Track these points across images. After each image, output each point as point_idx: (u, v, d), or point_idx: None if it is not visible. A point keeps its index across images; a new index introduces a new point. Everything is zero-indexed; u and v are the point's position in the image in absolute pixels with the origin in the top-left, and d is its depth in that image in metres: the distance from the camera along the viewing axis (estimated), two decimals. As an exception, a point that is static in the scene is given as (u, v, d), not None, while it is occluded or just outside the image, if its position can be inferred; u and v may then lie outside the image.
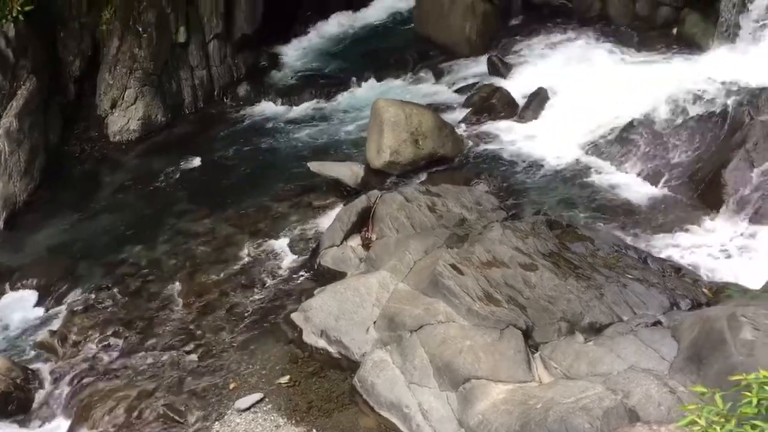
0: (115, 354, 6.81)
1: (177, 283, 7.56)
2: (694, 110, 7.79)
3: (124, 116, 10.82)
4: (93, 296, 7.61)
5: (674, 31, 10.26)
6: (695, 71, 8.53)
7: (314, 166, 8.75)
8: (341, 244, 7.36)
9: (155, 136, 10.90)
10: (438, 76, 11.27)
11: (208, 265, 7.78)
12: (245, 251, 7.90)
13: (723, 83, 7.83)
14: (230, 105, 11.68)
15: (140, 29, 10.92)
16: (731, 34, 9.12)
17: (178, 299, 7.37)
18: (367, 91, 11.23)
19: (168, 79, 11.25)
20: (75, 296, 7.73)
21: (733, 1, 9.12)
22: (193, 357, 6.55)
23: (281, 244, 7.93)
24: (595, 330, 5.54)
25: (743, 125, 7.24)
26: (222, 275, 7.57)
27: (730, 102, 7.52)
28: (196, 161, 10.06)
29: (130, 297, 7.54)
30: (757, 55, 8.56)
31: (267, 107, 11.36)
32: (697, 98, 7.82)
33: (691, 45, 9.77)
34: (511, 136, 9.10)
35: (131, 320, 7.17)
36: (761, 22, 8.71)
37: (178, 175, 9.81)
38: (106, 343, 6.93)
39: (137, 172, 10.03)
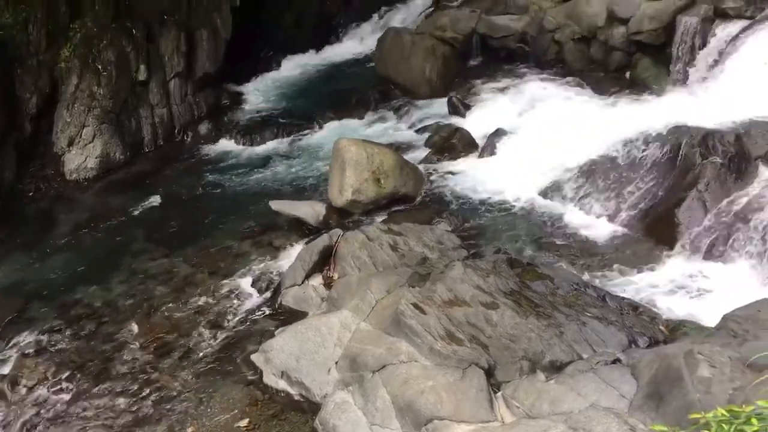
0: (68, 398, 6.57)
1: (133, 325, 7.38)
2: (648, 151, 7.99)
3: (82, 154, 10.67)
4: (45, 338, 7.37)
5: (627, 75, 10.60)
6: (648, 114, 8.78)
7: (275, 204, 8.72)
8: (303, 283, 7.30)
9: (113, 174, 10.76)
10: (399, 116, 11.42)
11: (166, 306, 7.61)
12: (204, 291, 7.76)
13: (675, 125, 8.05)
14: (191, 143, 11.63)
15: (100, 67, 10.85)
16: (682, 79, 9.48)
17: (134, 341, 7.18)
18: (328, 130, 11.31)
19: (127, 116, 11.16)
20: (26, 338, 7.46)
21: (682, 47, 9.50)
22: (150, 401, 6.36)
23: (241, 283, 7.82)
24: (555, 368, 5.57)
25: (695, 166, 7.45)
26: (180, 316, 7.41)
27: (682, 143, 7.74)
28: (156, 200, 9.93)
29: (85, 339, 7.32)
30: (706, 99, 8.88)
31: (228, 146, 11.34)
32: (651, 140, 8.03)
33: (643, 88, 10.09)
34: (472, 176, 9.22)
35: (85, 363, 6.95)
36: (710, 68, 9.07)
37: (136, 214, 9.67)
38: (58, 387, 6.69)
39: (94, 211, 9.85)
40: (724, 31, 9.21)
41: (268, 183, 10.02)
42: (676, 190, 7.47)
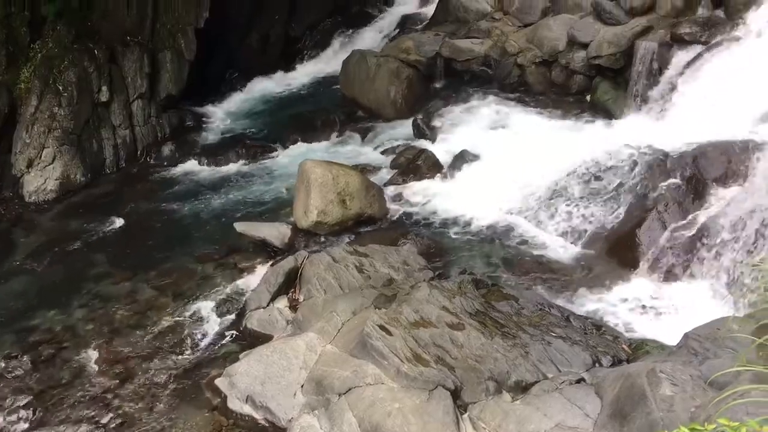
0: (25, 427, 6.37)
1: (94, 350, 7.21)
2: (609, 173, 8.15)
3: (41, 176, 10.47)
4: (2, 365, 7.15)
5: (588, 98, 10.83)
6: (608, 136, 8.97)
7: (240, 226, 8.65)
8: (268, 306, 7.23)
9: (74, 196, 10.57)
10: (364, 137, 11.46)
11: (128, 331, 7.47)
12: (167, 315, 7.64)
13: (635, 147, 8.24)
14: (154, 165, 11.50)
15: (61, 88, 10.70)
16: (640, 102, 9.70)
17: (94, 367, 7.01)
18: (294, 152, 11.30)
19: (89, 138, 11.01)
20: (-18, 366, 7.26)
21: (640, 72, 9.74)
22: (111, 428, 6.21)
23: (205, 307, 7.72)
24: (521, 388, 5.59)
25: (654, 187, 7.62)
26: (142, 341, 7.27)
27: (642, 165, 7.91)
28: (117, 222, 9.78)
29: (43, 365, 7.12)
30: (664, 122, 9.11)
31: (192, 167, 11.24)
32: (612, 162, 8.19)
33: (603, 111, 10.32)
34: (437, 197, 9.28)
35: (44, 390, 6.76)
36: (667, 92, 9.31)
37: (97, 237, 9.49)
38: (16, 415, 6.49)
39: (53, 234, 9.65)
40: (681, 56, 9.48)
41: (232, 205, 9.94)
42: (637, 211, 7.63)
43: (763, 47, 8.53)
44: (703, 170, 7.46)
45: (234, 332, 7.24)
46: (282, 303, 7.28)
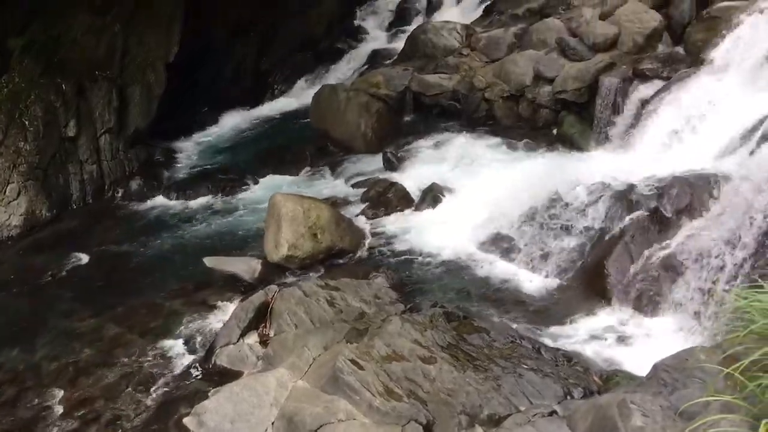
0: (-16, 472, 6.19)
1: (58, 390, 7.03)
2: (577, 205, 8.26)
3: (5, 212, 10.29)
4: (-39, 407, 6.95)
5: (554, 131, 11.03)
6: (575, 168, 9.11)
7: (210, 261, 8.56)
8: (238, 341, 7.14)
9: (39, 232, 10.40)
10: (335, 171, 11.49)
11: (93, 369, 7.30)
12: (134, 352, 7.49)
13: (601, 180, 8.37)
14: (122, 200, 11.39)
15: (27, 122, 10.58)
16: (605, 136, 9.91)
17: (58, 408, 6.82)
18: (264, 185, 11.28)
19: (55, 173, 10.87)
20: (-60, 407, 7.03)
21: (605, 106, 9.96)
22: (74, 471, 6.04)
23: (174, 343, 7.59)
24: (494, 422, 5.57)
25: (621, 219, 7.74)
26: (108, 379, 7.10)
27: (608, 197, 8.04)
28: (84, 258, 9.62)
29: (5, 406, 6.91)
30: (629, 155, 9.29)
31: (161, 202, 11.15)
32: (579, 193, 8.30)
33: (570, 144, 10.51)
34: (408, 230, 9.31)
35: (5, 432, 6.58)
36: (631, 125, 9.52)
37: (63, 273, 9.33)
38: (-26, 459, 6.29)
39: (17, 271, 9.46)
40: (643, 90, 9.72)
41: (202, 239, 9.85)
42: (605, 243, 7.73)
43: (722, 82, 8.78)
44: (667, 202, 7.59)
45: (203, 369, 7.12)
46: (252, 338, 7.19)
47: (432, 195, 9.79)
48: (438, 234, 8.99)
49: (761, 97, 8.01)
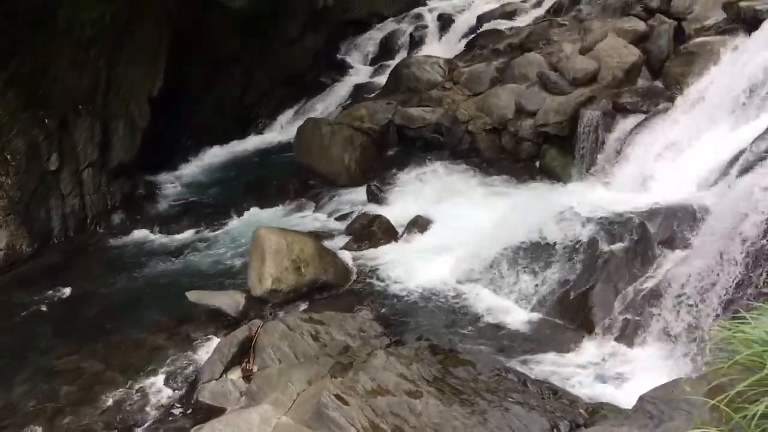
0: None
1: (37, 428, 6.88)
2: (560, 237, 8.30)
3: (-15, 246, 10.17)
4: (-65, 448, 6.79)
5: (537, 164, 11.13)
6: (558, 201, 9.17)
7: (193, 295, 8.48)
8: (221, 377, 7.05)
9: (19, 267, 10.25)
10: (318, 204, 11.50)
11: (73, 407, 7.14)
12: (115, 389, 7.35)
13: (583, 212, 8.43)
14: (104, 234, 11.30)
15: (8, 156, 10.50)
16: (586, 168, 10.02)
17: (37, 446, 6.69)
18: (248, 219, 11.24)
19: (36, 207, 10.77)
20: None
21: (586, 139, 10.09)
22: None
23: (155, 380, 7.47)
24: (481, 457, 5.51)
25: (604, 251, 7.78)
26: (89, 418, 6.96)
27: (591, 229, 8.09)
28: (65, 293, 9.49)
29: (-19, 447, 6.78)
30: (610, 186, 9.40)
31: (143, 236, 11.07)
32: (562, 226, 8.35)
33: (552, 176, 10.61)
34: (392, 263, 9.29)
35: (-19, 474, 6.41)
36: (612, 158, 9.65)
37: (43, 308, 9.18)
38: (-53, 502, 6.11)
39: (-4, 307, 9.31)
40: (623, 123, 9.87)
41: (185, 273, 9.77)
42: (588, 275, 7.76)
43: (700, 115, 8.94)
44: (650, 234, 7.66)
45: (185, 406, 7.01)
46: (235, 374, 7.10)
47: (416, 227, 9.81)
48: (422, 266, 8.98)
49: (739, 131, 8.16)
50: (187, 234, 11.02)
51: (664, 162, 8.87)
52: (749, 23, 9.35)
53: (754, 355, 3.48)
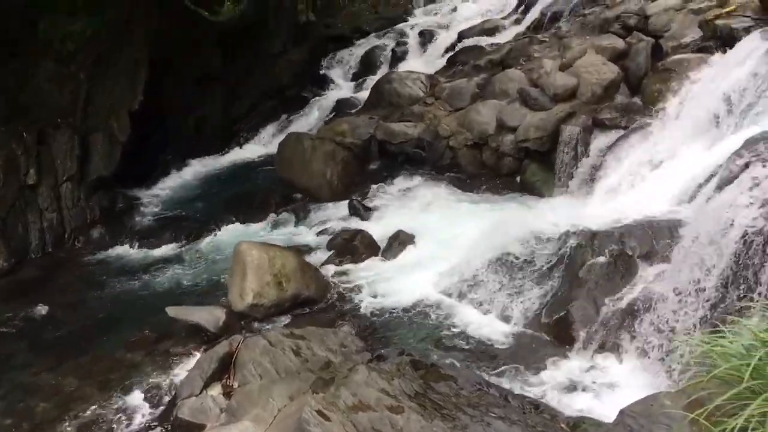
0: None
1: (12, 447, 6.78)
2: (541, 251, 8.35)
3: (-39, 262, 10.03)
4: None
5: (518, 179, 11.21)
6: (539, 215, 9.25)
7: (173, 311, 8.40)
8: (201, 393, 6.96)
9: (-4, 283, 10.12)
10: (300, 219, 11.48)
11: (50, 425, 7.03)
12: (92, 406, 7.24)
13: (564, 226, 8.49)
14: (82, 248, 11.19)
15: (-15, 171, 10.41)
16: (567, 183, 10.11)
17: (11, 465, 6.57)
18: (229, 234, 11.19)
19: (14, 222, 10.65)
20: None
21: (566, 154, 10.18)
22: None
23: (134, 396, 7.37)
24: (463, 472, 5.49)
25: (584, 265, 7.84)
26: (65, 435, 6.88)
27: (572, 243, 8.14)
28: (42, 309, 9.36)
29: (-46, 466, 6.64)
30: (590, 201, 9.48)
31: (122, 251, 10.98)
32: (542, 241, 8.41)
33: (533, 191, 10.69)
34: (374, 277, 9.29)
35: (-47, 494, 6.28)
36: (592, 173, 9.74)
37: (19, 325, 9.05)
38: None
39: (-28, 322, 9.17)
40: (603, 139, 9.98)
41: (164, 288, 9.69)
42: (569, 289, 7.80)
43: (677, 131, 9.07)
44: (629, 248, 7.72)
45: (164, 423, 6.91)
46: (216, 390, 7.02)
47: (398, 242, 9.82)
48: (404, 281, 8.98)
49: (716, 147, 8.28)
50: (168, 249, 10.94)
51: (643, 177, 8.97)
52: (725, 41, 9.52)
53: (733, 369, 3.51)
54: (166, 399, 7.24)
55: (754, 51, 8.62)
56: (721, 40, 9.64)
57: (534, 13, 15.63)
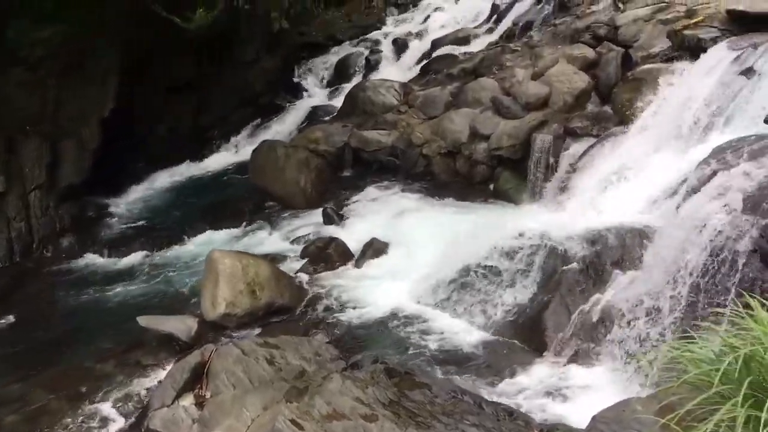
0: None
1: (-23, 461, 6.63)
2: (513, 258, 8.40)
3: (-75, 272, 9.80)
4: None
5: (491, 186, 11.29)
6: (511, 223, 9.29)
7: (143, 320, 8.29)
8: (172, 404, 6.86)
9: (-38, 292, 9.90)
10: (274, 227, 11.42)
11: (17, 438, 6.92)
12: (62, 419, 7.10)
13: (536, 234, 8.56)
14: (51, 258, 10.99)
15: (-48, 179, 10.20)
16: (539, 191, 10.20)
17: (-23, 481, 6.42)
18: (201, 242, 11.08)
19: (-19, 231, 10.45)
20: None
21: (538, 162, 10.28)
22: None
23: (104, 408, 7.25)
24: (437, 480, 5.49)
25: (557, 272, 7.91)
26: (33, 449, 6.74)
27: (544, 250, 8.21)
28: (9, 320, 9.19)
29: None
30: (562, 209, 9.57)
31: (92, 260, 10.81)
32: (515, 248, 8.46)
33: (506, 199, 10.78)
34: (348, 285, 9.27)
35: None
36: (563, 181, 9.83)
37: (-14, 335, 8.88)
38: None
39: (-64, 334, 8.95)
40: (574, 147, 10.10)
41: (136, 298, 9.56)
42: (541, 296, 7.86)
43: (646, 140, 9.20)
44: (601, 255, 7.81)
45: (135, 435, 6.83)
46: (188, 400, 6.93)
47: (372, 250, 9.81)
48: (378, 289, 8.98)
49: (684, 154, 8.42)
50: (138, 257, 10.80)
51: (614, 184, 9.07)
52: (693, 51, 9.70)
53: (703, 374, 3.56)
54: (138, 410, 7.13)
55: (722, 61, 8.81)
56: (689, 50, 9.82)
57: (506, 23, 15.80)
